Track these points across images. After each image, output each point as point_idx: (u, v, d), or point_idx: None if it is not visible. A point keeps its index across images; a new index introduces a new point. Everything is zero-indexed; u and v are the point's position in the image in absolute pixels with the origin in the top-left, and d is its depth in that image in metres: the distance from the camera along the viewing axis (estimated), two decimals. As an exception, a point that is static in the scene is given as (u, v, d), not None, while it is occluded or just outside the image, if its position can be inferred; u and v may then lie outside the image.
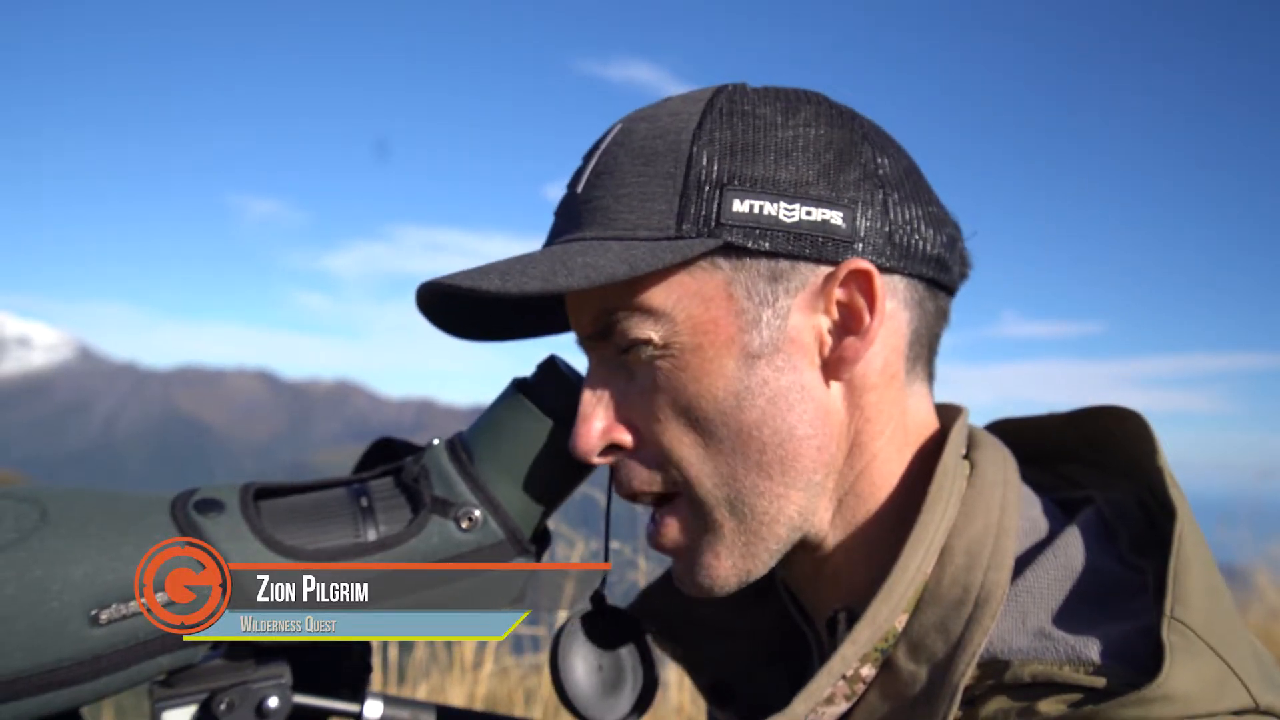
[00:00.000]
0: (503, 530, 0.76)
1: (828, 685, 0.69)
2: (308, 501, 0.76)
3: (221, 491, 0.73)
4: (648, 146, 0.74)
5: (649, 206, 0.73)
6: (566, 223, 0.77)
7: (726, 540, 0.75)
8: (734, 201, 0.71)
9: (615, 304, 0.74)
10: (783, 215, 0.71)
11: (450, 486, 0.75)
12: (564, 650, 0.83)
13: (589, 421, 0.76)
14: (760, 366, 0.72)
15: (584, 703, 0.82)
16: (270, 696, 0.73)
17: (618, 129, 0.78)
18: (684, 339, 0.72)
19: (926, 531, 0.71)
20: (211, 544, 0.69)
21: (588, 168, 0.77)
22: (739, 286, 0.72)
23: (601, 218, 0.74)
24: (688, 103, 0.76)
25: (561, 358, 0.82)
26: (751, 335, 0.72)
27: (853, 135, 0.75)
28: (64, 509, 0.68)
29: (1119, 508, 0.76)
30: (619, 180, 0.74)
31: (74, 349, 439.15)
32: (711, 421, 0.73)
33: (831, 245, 0.72)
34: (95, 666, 0.66)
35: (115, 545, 0.67)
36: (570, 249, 0.73)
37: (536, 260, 0.73)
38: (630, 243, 0.72)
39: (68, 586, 0.65)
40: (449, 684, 3.17)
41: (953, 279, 0.80)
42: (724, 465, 0.73)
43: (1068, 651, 0.65)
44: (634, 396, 0.76)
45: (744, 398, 0.72)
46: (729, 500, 0.74)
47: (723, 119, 0.74)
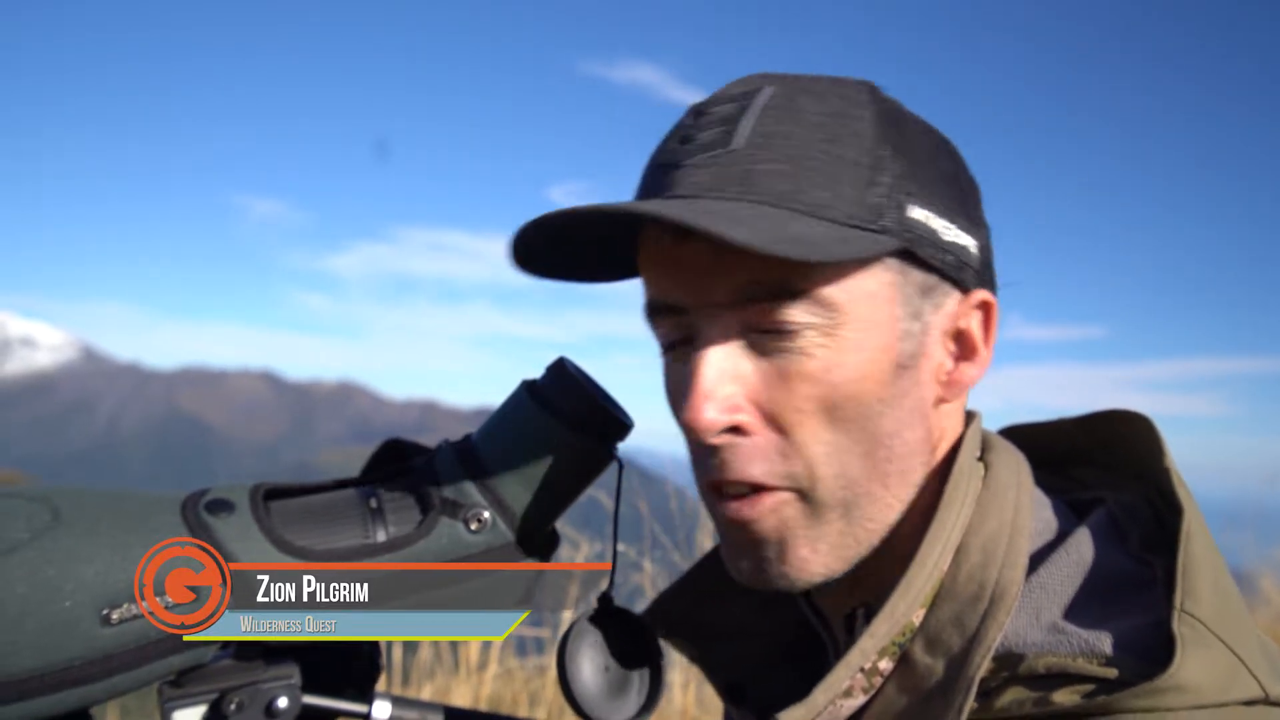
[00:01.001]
0: (511, 532, 0.76)
1: (846, 677, 0.70)
2: (317, 502, 0.76)
3: (232, 492, 0.74)
4: (826, 125, 0.71)
5: (838, 189, 0.69)
6: (725, 178, 0.70)
7: (830, 539, 0.73)
8: (910, 207, 0.70)
9: (783, 281, 0.69)
10: (941, 232, 0.72)
11: (459, 488, 0.76)
12: (571, 651, 0.83)
13: (712, 397, 0.70)
14: (904, 377, 0.72)
15: (590, 704, 0.82)
16: (280, 697, 0.73)
17: (772, 91, 0.73)
18: (848, 334, 0.70)
19: (943, 529, 0.72)
20: (218, 544, 0.69)
21: (745, 124, 0.71)
22: (899, 293, 0.72)
23: (785, 185, 0.69)
24: (848, 89, 0.74)
25: (570, 360, 0.83)
26: (903, 345, 0.72)
27: (962, 165, 0.77)
28: (75, 508, 0.68)
29: (1129, 508, 0.78)
30: (801, 151, 0.70)
31: (77, 349, 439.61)
32: (854, 423, 0.71)
33: (967, 271, 0.74)
34: (106, 666, 0.66)
35: (126, 545, 0.68)
36: (766, 213, 0.67)
37: (742, 217, 0.66)
38: (827, 223, 0.68)
39: (79, 586, 0.65)
40: (454, 685, 3.17)
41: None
42: (852, 468, 0.72)
43: (1081, 644, 0.67)
44: (769, 378, 0.71)
45: (888, 405, 0.72)
46: (845, 502, 0.73)
47: (892, 120, 0.73)
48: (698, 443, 0.73)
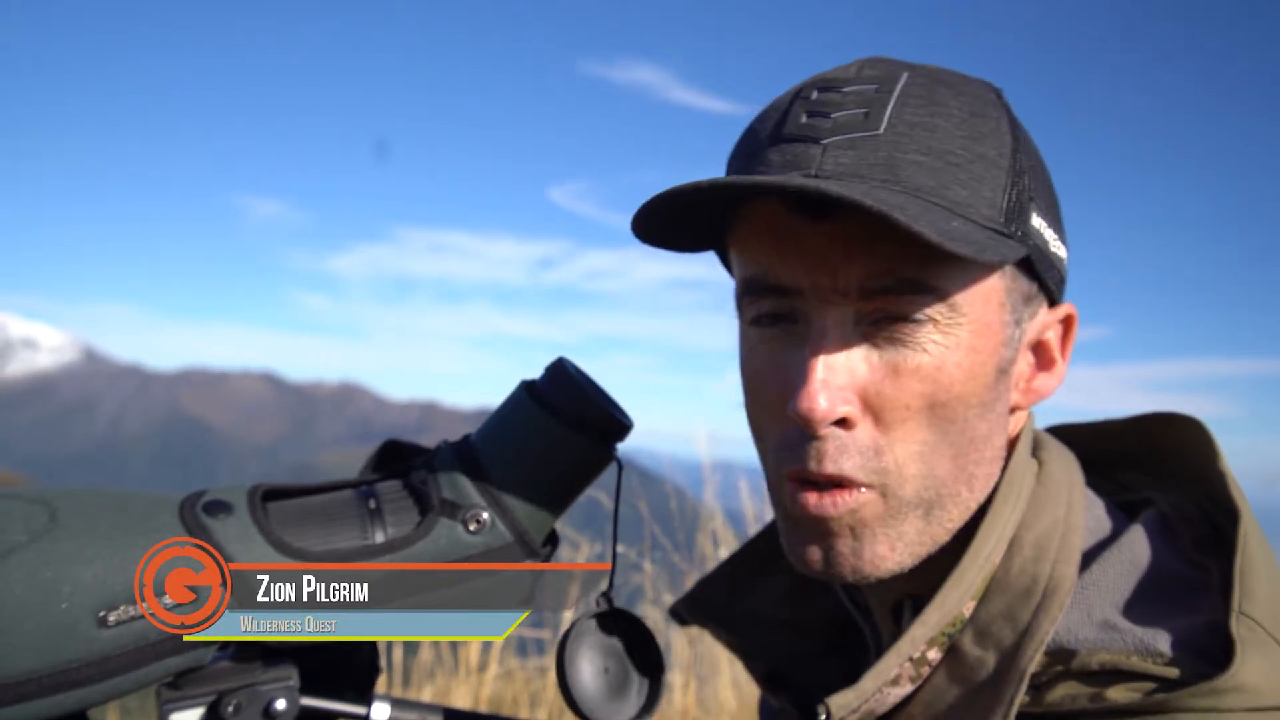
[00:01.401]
0: (511, 533, 0.76)
1: (895, 665, 0.70)
2: (316, 503, 0.76)
3: (230, 493, 0.73)
4: (970, 123, 0.69)
5: (978, 190, 0.68)
6: (869, 164, 0.68)
7: (908, 537, 0.72)
8: (1034, 215, 0.71)
9: (911, 274, 0.67)
10: (1052, 244, 0.73)
11: (458, 489, 0.75)
12: (570, 653, 0.83)
13: (826, 389, 0.68)
14: (1003, 382, 0.73)
15: (590, 705, 0.82)
16: (278, 698, 0.73)
17: (908, 78, 0.71)
18: (965, 335, 0.69)
19: (998, 522, 0.72)
20: (216, 545, 0.69)
21: (888, 109, 0.69)
22: (1009, 299, 0.72)
23: (929, 179, 0.67)
24: (978, 88, 0.73)
25: (569, 360, 0.82)
26: (1007, 350, 0.72)
27: (1049, 176, 0.77)
28: (73, 510, 0.68)
29: (1179, 510, 0.78)
30: (944, 145, 0.68)
31: (79, 350, 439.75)
32: (954, 424, 0.70)
33: (1060, 284, 0.75)
34: (104, 668, 0.66)
35: (124, 547, 0.67)
36: (908, 205, 0.64)
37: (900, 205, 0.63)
38: (969, 222, 0.67)
39: (77, 588, 0.65)
40: (454, 686, 3.17)
41: None
42: (942, 468, 0.71)
43: (1136, 643, 0.67)
44: (880, 372, 0.69)
45: (988, 408, 0.72)
46: (928, 502, 0.72)
47: (1017, 123, 0.73)
48: (798, 432, 0.71)
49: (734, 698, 3.32)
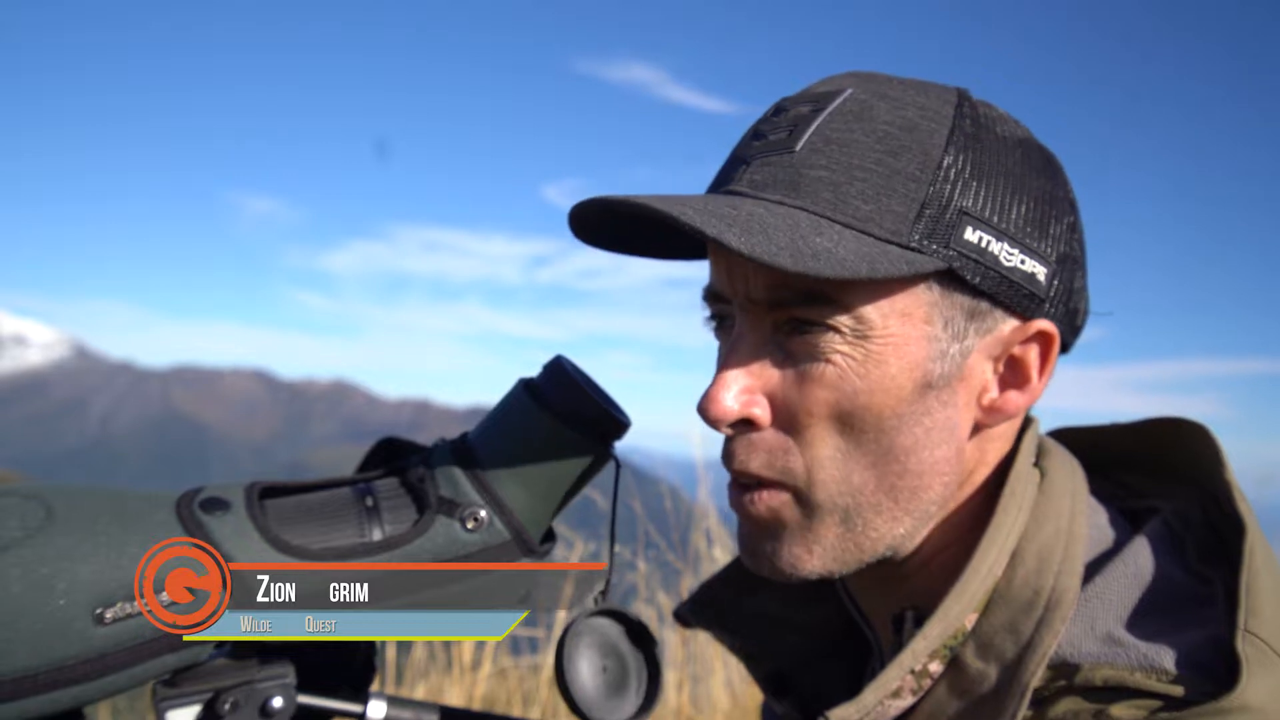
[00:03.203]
0: (508, 531, 0.75)
1: (897, 678, 0.70)
2: (313, 501, 0.76)
3: (227, 490, 0.73)
4: (893, 136, 0.70)
5: (885, 203, 0.69)
6: (776, 180, 0.71)
7: (826, 541, 0.74)
8: (967, 228, 0.69)
9: (816, 287, 0.69)
10: (1003, 257, 0.70)
11: (456, 487, 0.75)
12: (569, 652, 0.83)
13: (729, 388, 0.72)
14: (930, 397, 0.72)
15: (588, 704, 0.82)
16: (274, 696, 0.73)
17: (849, 95, 0.73)
18: (873, 347, 0.70)
19: (999, 534, 0.72)
20: (215, 543, 0.69)
21: (811, 126, 0.72)
22: (939, 314, 0.71)
23: (829, 194, 0.69)
24: (933, 99, 0.73)
25: (567, 358, 0.82)
26: (935, 364, 0.71)
27: (1060, 188, 0.75)
28: (70, 507, 0.68)
29: (1185, 518, 0.77)
30: (857, 160, 0.70)
31: (70, 347, 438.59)
32: (866, 434, 0.71)
33: (1030, 299, 0.72)
34: (100, 665, 0.66)
35: (121, 544, 0.67)
36: (800, 221, 0.68)
37: (772, 225, 0.66)
38: (861, 236, 0.68)
39: (74, 585, 0.65)
40: (447, 685, 3.17)
41: (1072, 346, 0.80)
42: (856, 476, 0.72)
43: (1139, 658, 0.66)
44: (788, 378, 0.72)
45: (906, 421, 0.71)
46: (845, 509, 0.73)
47: (970, 135, 0.71)
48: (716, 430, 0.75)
49: (727, 697, 3.33)
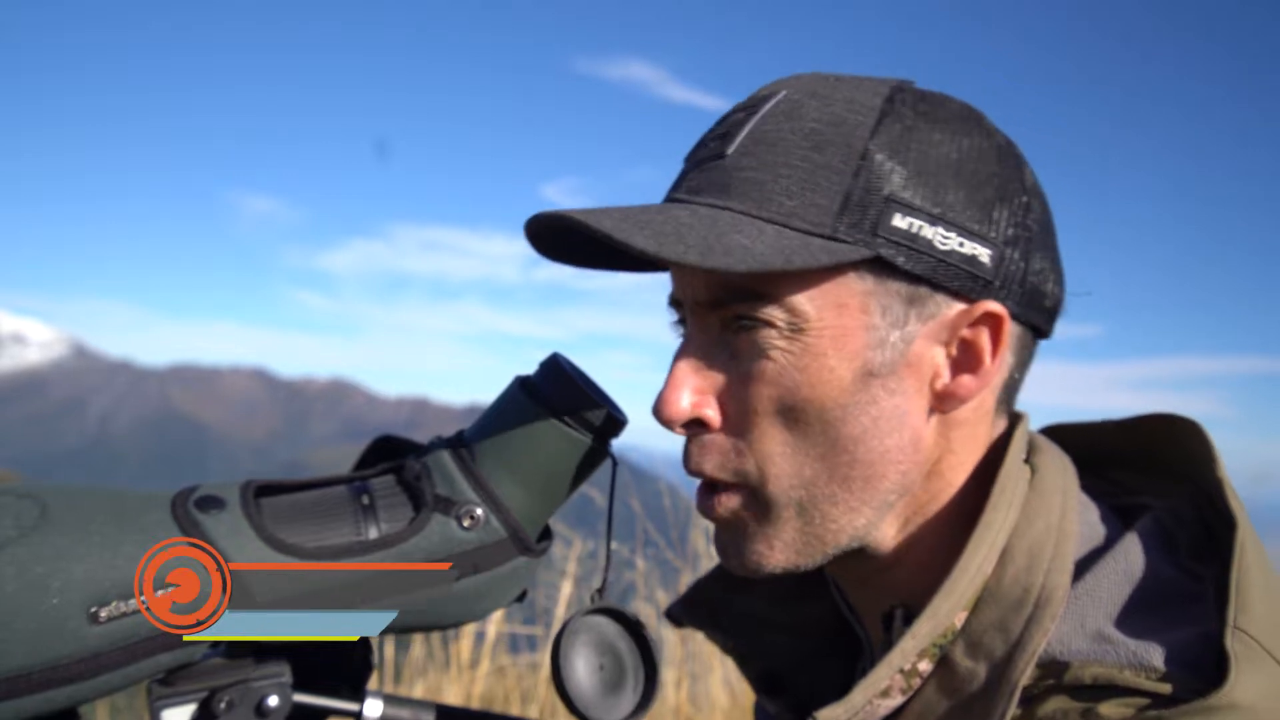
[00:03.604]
0: (505, 529, 0.75)
1: (885, 677, 0.70)
2: (309, 499, 0.76)
3: (222, 489, 0.73)
4: (818, 131, 0.72)
5: (809, 197, 0.70)
6: (711, 183, 0.74)
7: (785, 536, 0.75)
8: (895, 215, 0.70)
9: (749, 286, 0.71)
10: (937, 241, 0.70)
11: (452, 485, 0.75)
12: (565, 650, 0.82)
13: (679, 389, 0.74)
14: (874, 385, 0.72)
15: (585, 703, 0.81)
16: (270, 695, 0.73)
17: (781, 96, 0.74)
18: (810, 340, 0.71)
19: (989, 532, 0.71)
20: (212, 542, 0.69)
21: (743, 130, 0.74)
22: (876, 302, 0.71)
23: (755, 192, 0.71)
24: (863, 93, 0.74)
25: (564, 356, 0.82)
26: (875, 353, 0.72)
27: (1011, 172, 0.74)
28: (65, 506, 0.68)
29: (1176, 514, 0.77)
30: (782, 158, 0.71)
31: (69, 346, 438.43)
32: (811, 427, 0.72)
33: (973, 282, 0.72)
34: (95, 664, 0.66)
35: (116, 543, 0.67)
36: (721, 221, 0.70)
37: (689, 225, 0.70)
38: (783, 230, 0.69)
39: (68, 584, 0.65)
40: (445, 683, 3.17)
41: (1052, 328, 0.80)
42: (807, 469, 0.73)
43: (1129, 656, 0.66)
44: (734, 378, 0.74)
45: (850, 411, 0.72)
46: (799, 502, 0.74)
47: (900, 124, 0.72)
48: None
49: (726, 695, 3.33)
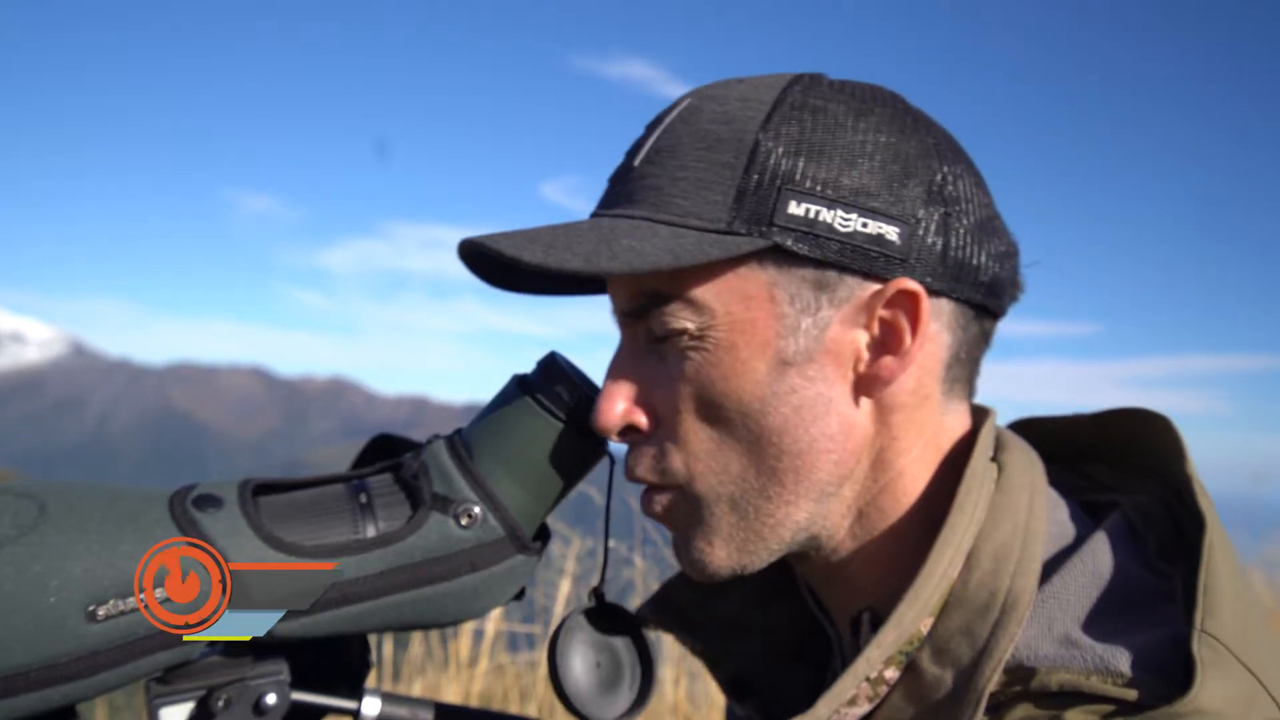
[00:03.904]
0: (502, 527, 0.75)
1: (851, 687, 0.69)
2: (307, 498, 0.76)
3: (220, 487, 0.73)
4: (712, 131, 0.73)
5: (704, 195, 0.71)
6: (619, 195, 0.76)
7: (723, 534, 0.75)
8: (790, 203, 0.70)
9: (657, 289, 0.73)
10: (838, 224, 0.70)
11: (450, 483, 0.75)
12: (562, 648, 0.83)
13: (611, 399, 0.76)
14: (791, 374, 0.72)
15: (582, 700, 0.82)
16: (268, 693, 0.73)
17: (685, 104, 0.76)
18: (720, 335, 0.72)
19: (954, 535, 0.70)
20: (210, 541, 0.69)
21: (649, 141, 0.76)
22: (782, 290, 0.71)
23: (655, 198, 0.73)
24: (759, 89, 0.74)
25: (561, 354, 0.82)
26: (788, 341, 0.71)
27: (923, 146, 0.73)
28: (63, 505, 0.68)
29: (1145, 512, 0.76)
30: (679, 162, 0.73)
31: (67, 345, 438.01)
32: (732, 421, 0.72)
33: (883, 261, 0.71)
34: (93, 663, 0.66)
35: (114, 541, 0.67)
36: (618, 228, 0.72)
37: (582, 235, 0.72)
38: (679, 230, 0.71)
39: (66, 582, 0.65)
40: (444, 681, 3.17)
41: (1001, 304, 0.78)
42: (735, 465, 0.73)
43: (1095, 661, 0.65)
44: (660, 382, 0.75)
45: (769, 403, 0.72)
46: (732, 498, 0.74)
47: (793, 113, 0.72)
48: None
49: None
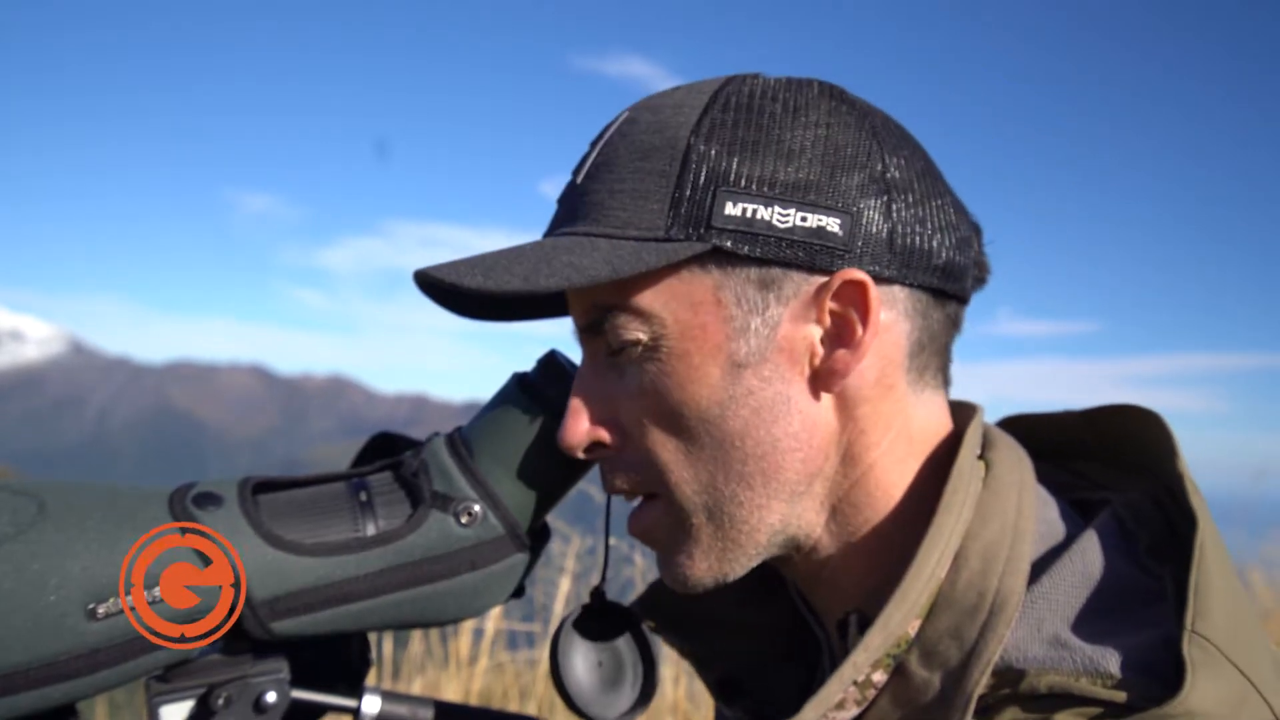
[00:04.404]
0: (502, 525, 0.75)
1: (839, 691, 0.68)
2: (307, 496, 0.76)
3: (220, 485, 0.73)
4: (646, 141, 0.73)
5: (641, 205, 0.71)
6: (565, 214, 0.77)
7: (702, 544, 0.75)
8: (726, 204, 0.69)
9: (606, 302, 0.73)
10: (776, 220, 0.69)
11: (450, 481, 0.75)
12: (564, 646, 0.82)
13: (576, 417, 0.76)
14: (746, 376, 0.71)
15: (584, 699, 0.81)
16: (268, 691, 0.73)
17: (623, 118, 0.76)
18: (671, 343, 0.71)
19: (941, 535, 0.69)
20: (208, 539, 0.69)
21: (590, 157, 0.76)
22: (728, 292, 0.71)
23: (595, 213, 0.73)
24: (692, 94, 0.74)
25: (562, 353, 0.82)
26: (739, 343, 0.71)
27: (861, 135, 0.72)
28: (62, 503, 0.68)
29: (1136, 510, 0.75)
30: (616, 175, 0.73)
31: (67, 343, 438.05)
32: (694, 429, 0.72)
33: (826, 253, 0.70)
34: (92, 661, 0.66)
35: (113, 540, 0.67)
36: (559, 245, 0.72)
37: (524, 255, 0.72)
38: (618, 242, 0.71)
39: (65, 580, 0.65)
40: (444, 680, 3.17)
41: (963, 287, 0.77)
42: (704, 473, 0.73)
43: (1085, 662, 0.64)
44: (621, 396, 0.75)
45: (728, 407, 0.71)
46: (706, 507, 0.74)
47: (725, 114, 0.72)
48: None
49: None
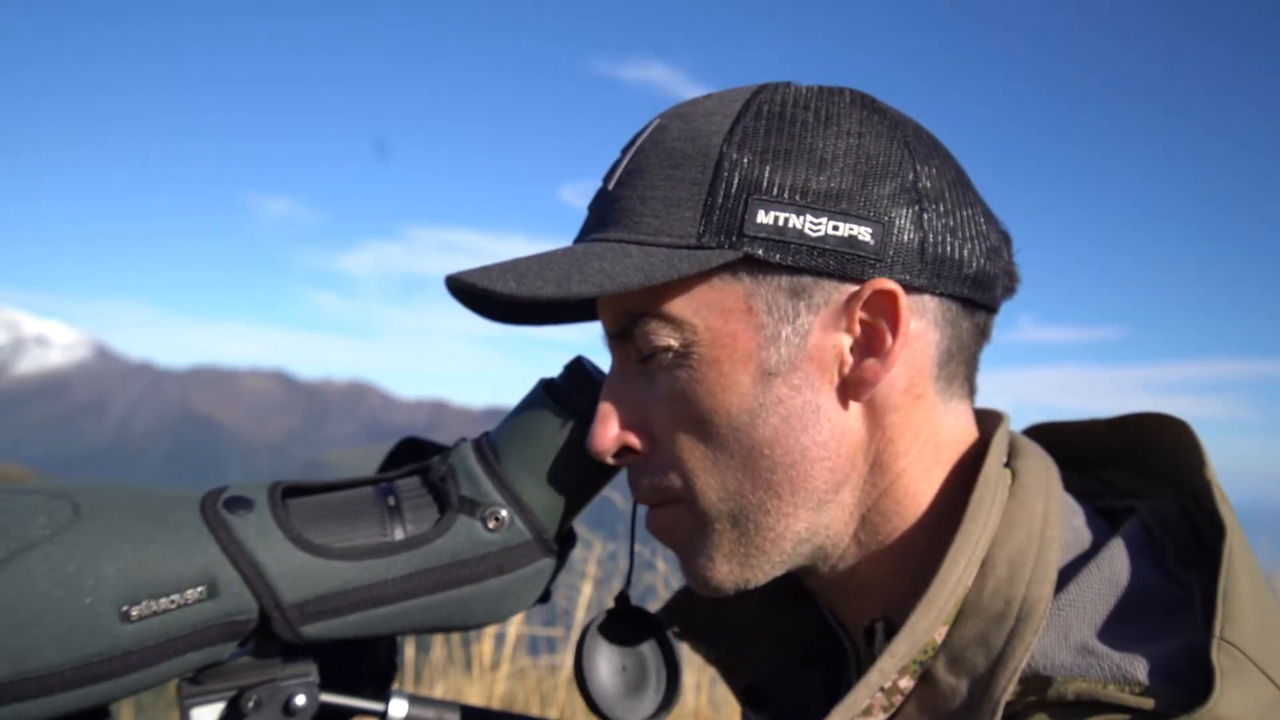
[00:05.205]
0: (529, 530, 0.76)
1: (865, 698, 0.68)
2: (336, 500, 0.76)
3: (250, 489, 0.74)
4: (678, 149, 0.73)
5: (673, 212, 0.71)
6: (596, 220, 0.77)
7: (725, 549, 0.75)
8: (759, 212, 0.70)
9: (637, 308, 0.73)
10: (808, 229, 0.70)
11: (477, 486, 0.75)
12: (588, 651, 0.83)
13: (605, 423, 0.76)
14: (776, 384, 0.71)
15: (608, 704, 0.82)
16: (297, 694, 0.73)
17: (654, 125, 0.76)
18: (702, 350, 0.72)
19: (968, 542, 0.69)
20: (240, 542, 0.69)
21: (622, 164, 0.76)
22: (759, 300, 0.71)
23: (628, 219, 0.73)
24: (724, 102, 0.75)
25: (589, 359, 0.82)
26: (769, 351, 0.71)
27: (893, 145, 0.73)
28: (96, 505, 0.68)
29: (1163, 518, 0.75)
30: (648, 182, 0.73)
31: (91, 348, 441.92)
32: (723, 436, 0.72)
33: (857, 263, 0.70)
34: (126, 663, 0.66)
35: (146, 542, 0.68)
36: (590, 251, 0.73)
37: (556, 261, 0.73)
38: (650, 249, 0.71)
39: (100, 582, 0.65)
40: (466, 685, 3.18)
41: (992, 297, 0.77)
42: (732, 480, 0.73)
43: (1113, 669, 0.64)
44: (651, 402, 0.75)
45: (758, 415, 0.71)
46: (732, 514, 0.74)
47: (758, 123, 0.72)
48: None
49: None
